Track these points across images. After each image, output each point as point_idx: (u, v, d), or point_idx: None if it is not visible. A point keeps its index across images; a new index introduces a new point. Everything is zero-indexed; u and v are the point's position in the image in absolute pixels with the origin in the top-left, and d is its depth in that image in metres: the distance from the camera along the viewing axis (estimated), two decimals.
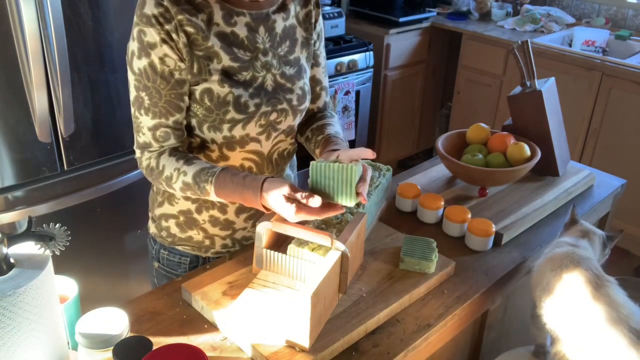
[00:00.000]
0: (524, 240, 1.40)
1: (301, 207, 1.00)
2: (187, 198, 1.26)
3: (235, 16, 1.13)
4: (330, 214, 1.03)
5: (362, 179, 1.04)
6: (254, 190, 1.05)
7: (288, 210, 1.01)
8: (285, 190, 1.01)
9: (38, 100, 1.78)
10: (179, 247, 1.33)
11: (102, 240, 2.13)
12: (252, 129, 1.19)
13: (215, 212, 1.27)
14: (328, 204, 1.03)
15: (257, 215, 1.30)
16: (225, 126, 1.16)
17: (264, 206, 1.06)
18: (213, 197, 1.11)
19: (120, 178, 2.07)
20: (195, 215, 1.28)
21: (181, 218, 1.29)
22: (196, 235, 1.30)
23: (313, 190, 1.04)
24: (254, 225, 1.32)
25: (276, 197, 1.02)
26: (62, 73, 1.79)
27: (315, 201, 1.00)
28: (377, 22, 3.52)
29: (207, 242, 1.31)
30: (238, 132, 1.18)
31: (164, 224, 1.32)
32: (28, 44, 1.71)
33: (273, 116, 1.20)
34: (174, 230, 1.31)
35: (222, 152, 1.21)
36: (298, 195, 1.01)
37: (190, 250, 1.33)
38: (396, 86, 3.63)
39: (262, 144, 1.23)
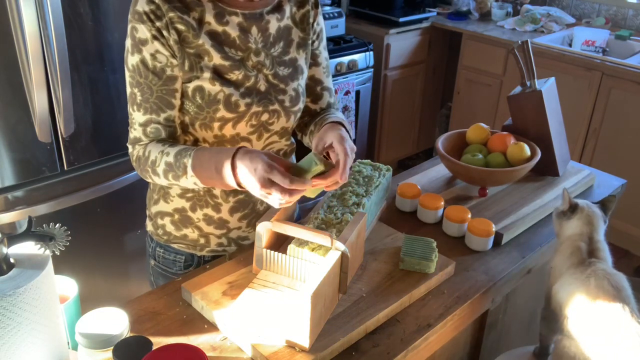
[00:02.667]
0: (524, 240, 1.40)
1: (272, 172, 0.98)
2: (181, 195, 1.27)
3: (228, 15, 1.14)
4: (297, 188, 0.99)
5: (322, 175, 1.04)
6: (227, 154, 1.02)
7: (258, 169, 0.97)
8: (263, 154, 1.00)
9: (38, 100, 1.78)
10: (175, 245, 1.33)
11: (102, 240, 2.13)
12: (243, 128, 1.19)
13: (209, 211, 1.27)
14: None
15: (251, 215, 1.31)
16: (216, 124, 1.16)
17: (235, 174, 1.02)
18: (189, 173, 1.08)
19: (120, 178, 2.07)
20: (190, 214, 1.28)
21: (176, 216, 1.29)
22: (191, 233, 1.31)
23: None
24: (248, 225, 1.32)
25: (249, 157, 1.00)
26: (62, 73, 1.79)
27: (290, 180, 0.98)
28: (377, 22, 3.52)
29: (202, 240, 1.32)
30: (228, 131, 1.18)
31: (159, 221, 1.32)
32: (28, 44, 1.71)
33: (264, 117, 1.20)
34: (170, 228, 1.32)
35: None
36: (274, 171, 0.98)
37: (186, 249, 1.33)
38: (396, 86, 3.63)
39: (252, 144, 1.23)
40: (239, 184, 1.03)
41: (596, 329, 1.13)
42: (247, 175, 1.00)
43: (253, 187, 1.00)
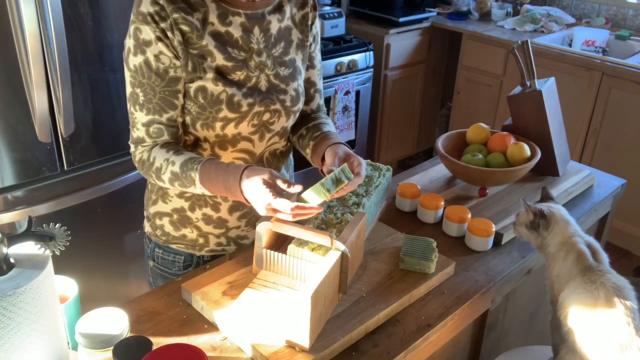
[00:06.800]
0: (524, 240, 1.40)
1: (275, 198, 1.01)
2: (180, 195, 1.27)
3: (231, 16, 1.14)
4: (302, 217, 1.03)
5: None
6: (234, 175, 1.06)
7: (263, 195, 1.01)
8: (266, 175, 1.03)
9: (38, 100, 1.78)
10: (173, 246, 1.34)
11: (102, 240, 2.13)
12: (245, 128, 1.20)
13: (208, 210, 1.27)
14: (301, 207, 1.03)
15: (251, 214, 1.31)
16: (218, 124, 1.17)
17: (243, 196, 1.06)
18: (197, 186, 1.11)
19: (120, 178, 2.07)
20: (189, 213, 1.28)
21: (175, 216, 1.30)
22: (190, 233, 1.31)
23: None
24: (247, 224, 1.32)
25: (254, 181, 1.03)
26: (62, 73, 1.79)
27: (296, 187, 1.02)
28: (377, 22, 3.52)
29: (201, 240, 1.32)
30: (230, 130, 1.18)
31: (158, 222, 1.32)
32: (28, 44, 1.71)
33: (266, 116, 1.21)
34: (168, 228, 1.32)
35: (214, 151, 1.22)
36: (278, 181, 1.03)
37: (185, 249, 1.33)
38: (396, 86, 3.63)
39: (254, 144, 1.24)
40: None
41: (600, 345, 1.10)
42: (253, 200, 1.05)
43: (259, 210, 1.04)
